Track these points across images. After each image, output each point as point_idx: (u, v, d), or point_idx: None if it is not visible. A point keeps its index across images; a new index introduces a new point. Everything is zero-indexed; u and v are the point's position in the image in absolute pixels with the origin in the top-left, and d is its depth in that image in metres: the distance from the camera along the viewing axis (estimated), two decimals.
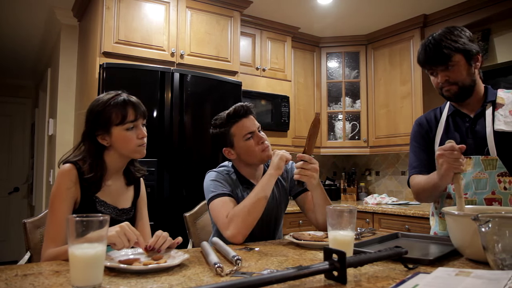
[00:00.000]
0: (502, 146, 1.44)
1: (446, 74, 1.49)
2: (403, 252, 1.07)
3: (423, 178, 1.56)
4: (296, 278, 0.88)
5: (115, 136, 1.37)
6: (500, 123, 1.47)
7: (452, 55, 1.46)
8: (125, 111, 1.35)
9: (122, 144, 1.37)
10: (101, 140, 1.38)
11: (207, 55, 3.00)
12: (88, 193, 1.36)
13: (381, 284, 0.93)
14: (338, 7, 3.39)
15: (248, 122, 1.64)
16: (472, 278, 0.87)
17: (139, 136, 1.38)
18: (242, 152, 1.66)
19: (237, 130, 1.64)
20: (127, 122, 1.35)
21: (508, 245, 0.94)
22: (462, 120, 1.58)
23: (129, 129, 1.37)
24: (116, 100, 1.36)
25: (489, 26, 3.30)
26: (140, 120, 1.39)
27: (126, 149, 1.38)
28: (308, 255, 1.27)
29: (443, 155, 1.33)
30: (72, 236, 0.89)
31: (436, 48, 1.47)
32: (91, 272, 0.89)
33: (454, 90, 1.51)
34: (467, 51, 1.48)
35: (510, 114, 1.47)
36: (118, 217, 1.42)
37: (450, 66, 1.48)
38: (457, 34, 1.49)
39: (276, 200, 1.75)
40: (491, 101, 1.53)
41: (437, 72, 1.52)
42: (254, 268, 1.09)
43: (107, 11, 2.62)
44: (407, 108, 3.61)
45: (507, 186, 1.43)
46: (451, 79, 1.49)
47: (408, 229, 2.98)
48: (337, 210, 1.18)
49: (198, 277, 1.00)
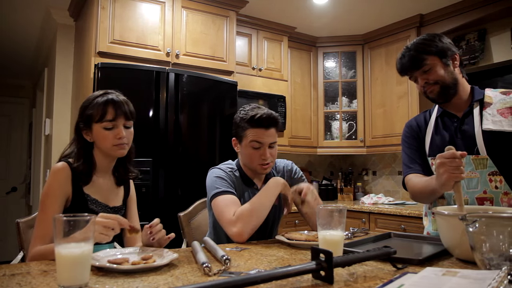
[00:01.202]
0: (491, 146, 1.44)
1: (425, 77, 1.53)
2: (392, 252, 1.07)
3: (420, 181, 1.54)
4: (281, 277, 0.88)
5: (94, 133, 1.40)
6: (488, 122, 1.47)
7: (425, 58, 1.51)
8: (104, 109, 1.38)
9: (100, 141, 1.40)
10: (85, 135, 1.42)
11: (203, 55, 3.00)
12: (79, 185, 1.38)
13: (368, 284, 0.93)
14: (335, 7, 3.39)
15: (264, 134, 1.63)
16: (459, 278, 0.88)
17: (116, 136, 1.39)
18: (244, 154, 1.69)
19: (250, 134, 1.63)
20: (105, 120, 1.38)
21: (495, 245, 0.94)
22: (450, 120, 1.59)
23: (108, 128, 1.39)
24: (101, 98, 1.40)
25: (485, 26, 3.30)
26: (120, 120, 1.40)
27: (103, 147, 1.41)
28: (298, 255, 1.27)
29: (444, 164, 1.28)
30: (58, 236, 0.89)
31: (409, 55, 1.53)
32: (77, 271, 0.89)
33: (436, 90, 1.53)
34: (440, 52, 1.51)
35: (497, 113, 1.47)
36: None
37: (426, 69, 1.52)
38: (429, 39, 1.54)
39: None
40: (478, 100, 1.54)
41: (416, 77, 1.56)
42: (243, 268, 1.09)
43: (102, 11, 2.62)
44: (403, 108, 3.61)
45: (498, 185, 1.43)
46: (430, 80, 1.53)
47: (404, 229, 2.98)
48: (326, 210, 1.18)
49: (186, 276, 1.00)
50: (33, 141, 5.14)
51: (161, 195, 2.61)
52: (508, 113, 1.45)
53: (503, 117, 1.46)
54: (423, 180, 1.52)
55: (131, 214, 1.56)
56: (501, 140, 1.44)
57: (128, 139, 1.43)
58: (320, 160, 4.46)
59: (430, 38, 1.55)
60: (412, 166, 1.64)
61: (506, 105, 1.48)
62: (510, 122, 1.44)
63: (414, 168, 1.63)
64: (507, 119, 1.44)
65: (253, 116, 1.62)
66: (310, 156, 4.37)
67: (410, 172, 1.63)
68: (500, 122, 1.45)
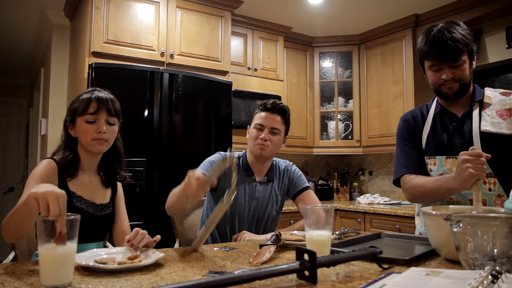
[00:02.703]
0: (488, 147, 1.42)
1: (453, 71, 1.46)
2: (378, 252, 1.07)
3: (429, 181, 1.48)
4: (264, 277, 0.87)
5: (77, 126, 1.42)
6: (486, 123, 1.45)
7: (462, 53, 1.44)
8: (88, 103, 1.40)
9: (81, 135, 1.42)
10: (70, 130, 1.44)
11: (197, 55, 3.00)
12: (65, 181, 1.38)
13: (352, 284, 0.93)
14: (330, 7, 3.39)
15: (268, 117, 1.79)
16: (441, 278, 0.87)
17: (96, 130, 1.39)
18: (249, 137, 1.83)
19: (257, 117, 1.81)
20: (87, 113, 1.39)
21: (480, 245, 0.94)
22: (449, 119, 1.56)
23: (89, 121, 1.40)
24: (87, 94, 1.42)
25: (480, 26, 3.30)
26: (102, 115, 1.40)
27: (83, 141, 1.42)
28: (286, 255, 1.27)
29: (469, 160, 1.26)
30: (41, 235, 0.89)
31: (447, 45, 1.42)
32: (60, 271, 0.89)
33: (456, 88, 1.48)
34: (471, 50, 1.47)
35: (497, 115, 1.45)
36: (96, 212, 1.44)
37: (458, 64, 1.45)
38: (469, 33, 1.46)
39: (265, 201, 1.83)
40: (478, 100, 1.52)
41: (442, 67, 1.47)
42: (229, 267, 1.09)
43: (96, 11, 2.62)
44: (399, 107, 3.61)
45: (492, 187, 1.42)
46: (456, 77, 1.46)
47: (398, 229, 2.98)
48: (314, 210, 1.18)
49: (171, 276, 1.00)
50: (30, 141, 5.14)
51: (155, 195, 2.61)
52: (507, 115, 1.44)
53: (502, 119, 1.44)
54: (433, 179, 1.47)
55: (120, 212, 1.56)
56: (498, 143, 1.42)
57: (110, 136, 1.43)
58: (316, 160, 4.46)
59: (469, 32, 1.45)
60: (408, 165, 1.58)
61: (505, 106, 1.46)
62: (509, 124, 1.42)
63: (411, 168, 1.57)
64: (505, 121, 1.43)
65: (264, 103, 1.81)
66: (306, 156, 4.37)
67: (406, 172, 1.58)
68: (499, 124, 1.43)
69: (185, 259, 1.20)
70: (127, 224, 1.56)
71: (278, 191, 1.87)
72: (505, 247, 0.92)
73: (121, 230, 1.52)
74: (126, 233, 1.49)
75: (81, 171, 1.45)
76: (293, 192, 1.88)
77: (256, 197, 1.81)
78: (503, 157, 1.41)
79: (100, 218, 1.45)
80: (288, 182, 1.90)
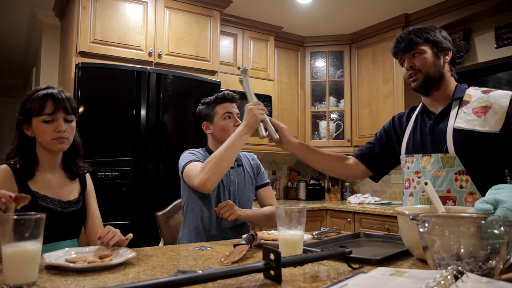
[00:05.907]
0: (460, 144, 1.43)
1: (412, 61, 1.53)
2: (347, 252, 1.07)
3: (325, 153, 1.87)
4: (226, 277, 0.87)
5: (34, 127, 1.40)
6: (461, 120, 1.46)
7: (419, 42, 1.51)
8: (43, 103, 1.37)
9: (39, 135, 1.39)
10: (25, 130, 1.41)
11: (186, 54, 3.00)
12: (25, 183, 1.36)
13: (317, 284, 0.93)
14: (321, 6, 3.39)
15: (231, 106, 1.93)
16: (404, 278, 0.87)
17: (55, 129, 1.38)
18: (219, 129, 1.90)
19: (220, 109, 1.91)
20: (44, 114, 1.37)
21: (447, 245, 0.95)
22: (428, 117, 1.58)
23: (47, 121, 1.38)
24: (41, 92, 1.39)
25: (470, 25, 3.30)
26: (60, 114, 1.39)
27: (43, 141, 1.40)
28: (261, 255, 1.27)
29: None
30: (5, 235, 0.89)
31: (405, 37, 1.54)
32: (24, 270, 0.89)
33: (420, 79, 1.52)
34: (436, 42, 1.51)
35: (472, 112, 1.46)
36: (64, 209, 1.42)
37: (416, 53, 1.52)
38: (429, 28, 1.55)
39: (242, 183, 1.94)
40: (458, 98, 1.53)
41: (404, 60, 1.56)
42: (200, 267, 1.10)
43: (83, 11, 2.62)
44: (389, 107, 3.61)
45: (463, 185, 1.42)
46: (415, 66, 1.52)
47: (387, 228, 2.98)
48: (286, 209, 1.18)
49: (138, 275, 1.00)
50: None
51: (142, 194, 2.61)
52: (482, 113, 1.44)
53: (476, 116, 1.44)
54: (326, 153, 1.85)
55: (91, 209, 1.54)
56: (471, 140, 1.42)
57: (70, 134, 1.42)
58: None
59: (431, 27, 1.56)
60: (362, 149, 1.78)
61: (481, 104, 1.45)
62: (482, 122, 1.42)
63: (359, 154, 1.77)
64: (480, 118, 1.43)
65: (218, 95, 1.94)
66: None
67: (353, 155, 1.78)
68: (473, 121, 1.44)
69: (158, 258, 1.21)
70: (100, 222, 1.54)
71: (250, 173, 1.99)
72: (471, 247, 0.92)
73: (93, 227, 1.51)
74: (98, 230, 1.47)
75: (42, 170, 1.42)
76: (257, 184, 2.02)
77: (232, 180, 1.90)
78: (476, 154, 1.42)
79: (69, 214, 1.42)
80: (256, 170, 2.03)
